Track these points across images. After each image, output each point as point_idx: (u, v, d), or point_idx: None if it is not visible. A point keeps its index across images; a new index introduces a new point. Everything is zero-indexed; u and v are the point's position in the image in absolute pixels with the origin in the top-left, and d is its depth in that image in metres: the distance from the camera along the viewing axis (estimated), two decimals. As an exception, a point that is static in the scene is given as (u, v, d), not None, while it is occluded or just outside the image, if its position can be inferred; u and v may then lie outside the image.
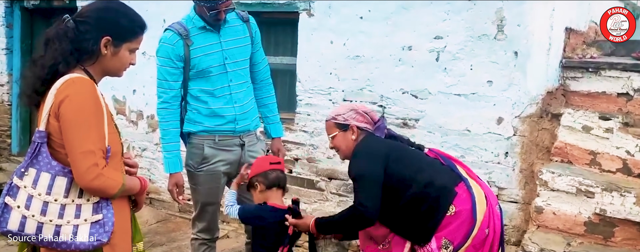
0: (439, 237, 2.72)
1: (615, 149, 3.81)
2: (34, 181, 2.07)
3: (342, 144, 2.96)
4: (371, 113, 3.00)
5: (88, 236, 2.09)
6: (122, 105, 6.01)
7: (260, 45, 3.60)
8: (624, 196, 3.55)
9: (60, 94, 2.04)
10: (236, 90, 3.43)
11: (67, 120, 2.03)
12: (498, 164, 4.21)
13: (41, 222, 2.06)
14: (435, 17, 4.29)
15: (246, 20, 3.49)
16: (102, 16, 2.18)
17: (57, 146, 2.09)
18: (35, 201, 2.06)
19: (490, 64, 4.15)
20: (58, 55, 2.10)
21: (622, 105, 4.06)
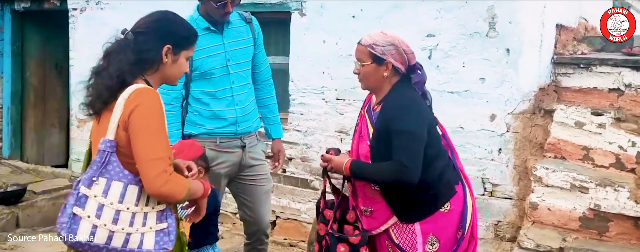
0: (425, 232, 2.61)
1: (608, 144, 3.80)
2: (104, 190, 2.06)
3: (371, 76, 2.63)
4: (410, 54, 2.62)
5: (154, 244, 2.10)
6: (115, 107, 5.95)
7: (262, 47, 3.52)
8: (617, 191, 3.54)
9: (130, 104, 2.06)
10: (238, 92, 3.35)
11: (137, 129, 2.05)
12: (492, 161, 4.19)
13: (113, 231, 2.04)
14: (427, 15, 4.26)
15: (249, 21, 3.41)
16: (161, 26, 2.26)
17: (121, 155, 2.09)
18: (106, 209, 2.05)
19: (483, 61, 4.13)
20: (124, 66, 2.14)
21: (614, 100, 4.05)
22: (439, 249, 2.62)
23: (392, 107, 2.56)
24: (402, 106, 2.54)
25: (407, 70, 2.62)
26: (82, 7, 6.01)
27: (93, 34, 5.95)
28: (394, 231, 2.66)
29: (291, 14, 4.81)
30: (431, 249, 2.61)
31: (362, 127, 2.74)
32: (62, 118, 6.96)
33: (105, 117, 2.13)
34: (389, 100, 2.61)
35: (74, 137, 6.30)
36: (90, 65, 6.33)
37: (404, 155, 2.45)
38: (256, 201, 3.46)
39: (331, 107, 4.73)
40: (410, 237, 2.63)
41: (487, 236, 4.24)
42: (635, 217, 3.51)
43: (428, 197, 2.59)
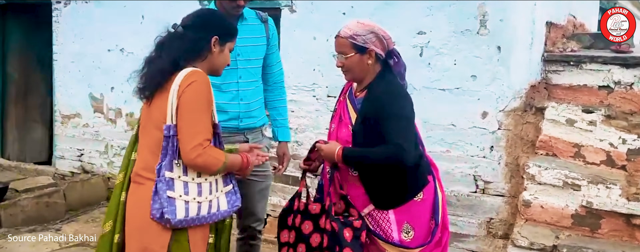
0: (400, 221, 2.64)
1: (599, 141, 3.82)
2: (183, 170, 2.31)
3: (356, 67, 2.65)
4: (389, 39, 2.65)
5: (227, 204, 2.44)
6: (100, 103, 5.84)
7: (277, 48, 3.52)
8: (609, 188, 3.56)
9: (186, 81, 2.27)
10: (244, 88, 3.33)
11: (186, 103, 2.27)
12: (484, 158, 4.19)
13: (200, 202, 2.33)
14: (418, 12, 4.24)
15: (264, 21, 3.42)
16: (208, 19, 2.52)
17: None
18: (191, 185, 2.32)
19: (474, 59, 4.12)
20: (178, 52, 2.36)
21: (603, 97, 4.07)
22: (414, 237, 2.65)
23: (382, 93, 2.60)
24: (392, 93, 2.60)
25: (386, 55, 2.68)
26: (66, 2, 5.89)
27: (78, 28, 5.85)
28: (368, 219, 2.69)
29: (281, 10, 4.75)
30: (407, 237, 2.64)
31: (342, 112, 2.78)
32: (45, 114, 6.82)
33: (159, 99, 2.32)
34: (376, 87, 2.64)
35: (57, 133, 6.19)
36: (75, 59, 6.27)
37: (401, 138, 2.50)
38: (252, 195, 3.42)
39: (322, 104, 4.69)
40: (385, 225, 2.66)
41: (479, 233, 4.25)
42: (627, 214, 3.53)
43: (404, 184, 2.64)
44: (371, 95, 2.62)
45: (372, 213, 2.69)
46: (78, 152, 6.07)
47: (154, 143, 2.35)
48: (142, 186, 2.36)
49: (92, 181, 5.73)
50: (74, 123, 6.05)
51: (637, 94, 3.97)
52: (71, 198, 5.47)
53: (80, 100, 5.95)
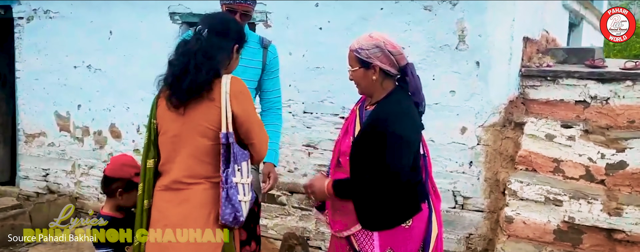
0: (384, 245, 2.56)
1: (578, 156, 3.82)
2: (242, 173, 2.40)
3: (362, 81, 2.59)
4: (398, 55, 2.54)
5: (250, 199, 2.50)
6: (66, 121, 5.63)
7: (276, 74, 3.49)
8: (591, 203, 3.55)
9: (234, 90, 2.39)
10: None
11: (247, 111, 2.43)
12: (463, 174, 4.16)
13: (246, 201, 2.44)
14: (396, 27, 4.20)
15: (264, 47, 3.42)
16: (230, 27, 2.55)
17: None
18: (245, 187, 2.44)
19: (453, 74, 4.10)
20: (216, 62, 2.42)
21: (580, 112, 4.09)
22: None
23: (386, 111, 2.51)
24: (396, 112, 2.50)
25: (400, 72, 2.57)
26: (29, 16, 5.69)
27: (42, 44, 5.65)
28: (355, 238, 2.63)
29: (256, 24, 4.66)
30: None
31: (350, 123, 2.71)
32: (7, 133, 6.56)
33: (199, 107, 2.39)
34: (383, 104, 2.56)
35: (21, 152, 5.94)
36: (39, 77, 6.05)
37: (395, 158, 2.43)
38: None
39: (298, 120, 4.61)
40: (368, 247, 2.59)
41: (458, 249, 4.21)
42: (609, 229, 3.52)
43: (393, 208, 2.55)
44: (376, 112, 2.55)
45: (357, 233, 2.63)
46: (43, 171, 5.84)
47: (199, 151, 2.40)
48: (185, 191, 2.43)
49: (58, 201, 5.52)
50: (38, 142, 5.82)
51: (613, 109, 4.00)
52: (37, 219, 5.23)
53: (45, 119, 5.73)
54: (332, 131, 4.49)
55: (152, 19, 5.03)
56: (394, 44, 2.56)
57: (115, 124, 5.37)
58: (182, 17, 4.94)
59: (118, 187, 2.89)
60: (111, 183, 2.91)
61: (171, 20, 4.97)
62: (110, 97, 5.35)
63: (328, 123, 4.50)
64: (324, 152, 4.56)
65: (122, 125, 5.35)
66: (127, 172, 2.91)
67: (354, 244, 2.65)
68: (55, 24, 5.57)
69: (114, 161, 3.01)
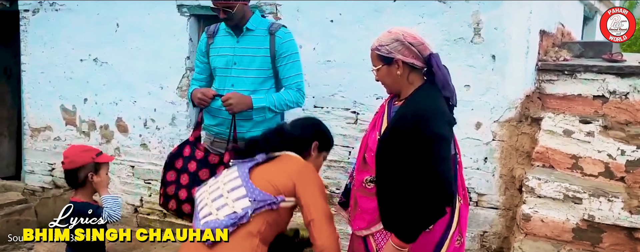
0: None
1: (597, 152, 3.69)
2: None
3: (387, 79, 2.47)
4: (419, 46, 2.41)
5: None
6: (72, 115, 5.53)
7: (292, 60, 3.42)
8: (611, 201, 3.42)
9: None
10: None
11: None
12: (477, 170, 4.04)
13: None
14: (410, 20, 4.07)
15: (272, 33, 3.37)
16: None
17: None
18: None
19: (468, 68, 3.97)
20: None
21: (598, 107, 3.96)
22: None
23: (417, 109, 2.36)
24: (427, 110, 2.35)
25: (425, 63, 2.43)
26: (35, 9, 5.58)
27: (48, 37, 5.53)
28: (373, 238, 2.53)
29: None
30: None
31: (378, 118, 2.60)
32: (12, 127, 6.47)
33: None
34: (412, 101, 2.42)
35: (27, 147, 5.84)
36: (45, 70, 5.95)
37: (440, 164, 2.27)
38: None
39: (308, 115, 4.49)
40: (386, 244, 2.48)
41: (472, 246, 4.10)
42: (630, 228, 3.40)
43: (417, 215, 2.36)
44: (404, 109, 2.41)
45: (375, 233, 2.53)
46: (49, 166, 5.74)
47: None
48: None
49: (64, 196, 5.40)
50: (44, 136, 5.72)
51: (632, 104, 3.87)
52: (43, 215, 5.15)
53: (50, 113, 5.63)
54: (343, 125, 4.37)
55: (160, 11, 4.91)
56: (413, 35, 2.43)
57: (122, 118, 5.26)
58: (190, 10, 4.82)
59: (87, 173, 2.92)
60: (78, 173, 2.93)
61: (179, 12, 4.85)
62: (116, 90, 5.24)
63: (339, 118, 4.38)
64: (334, 148, 4.41)
65: (129, 119, 5.24)
66: (88, 156, 2.94)
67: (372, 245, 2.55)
68: (61, 17, 5.45)
69: (69, 153, 3.00)
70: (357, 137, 4.34)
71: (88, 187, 2.96)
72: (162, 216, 5.16)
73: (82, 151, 3.00)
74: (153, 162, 5.14)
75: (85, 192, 2.98)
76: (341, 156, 4.40)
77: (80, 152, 2.97)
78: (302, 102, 3.54)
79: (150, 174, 5.15)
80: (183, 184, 3.30)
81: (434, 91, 2.43)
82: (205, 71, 3.58)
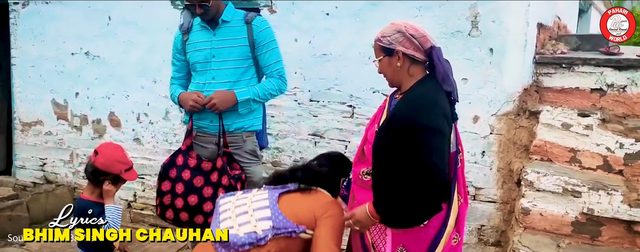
0: (395, 244, 2.45)
1: (596, 145, 3.67)
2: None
3: (387, 70, 2.43)
4: (421, 38, 2.36)
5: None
6: (63, 109, 5.44)
7: (270, 47, 3.38)
8: (611, 195, 3.40)
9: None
10: (216, 89, 3.32)
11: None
12: (475, 164, 4.01)
13: None
14: (407, 13, 4.02)
15: (248, 22, 3.33)
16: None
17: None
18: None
19: (465, 61, 3.93)
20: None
21: (596, 101, 3.94)
22: None
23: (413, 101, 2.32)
24: (423, 103, 2.30)
25: (427, 56, 2.39)
26: (25, 2, 5.46)
27: (38, 30, 5.43)
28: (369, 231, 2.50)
29: (260, 10, 4.48)
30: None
31: (379, 111, 2.56)
32: (2, 121, 6.36)
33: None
34: (410, 93, 2.38)
35: (17, 142, 5.74)
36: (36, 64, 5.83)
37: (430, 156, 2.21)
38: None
39: (304, 109, 4.44)
40: (380, 241, 2.48)
41: (470, 240, 4.07)
42: (629, 221, 3.38)
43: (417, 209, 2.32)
44: (402, 102, 2.37)
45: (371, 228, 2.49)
46: (40, 161, 5.65)
47: None
48: None
49: (56, 191, 5.34)
50: (35, 131, 5.63)
51: (630, 97, 3.85)
52: (35, 210, 5.06)
53: (42, 107, 5.53)
54: (339, 119, 4.33)
55: (153, 3, 4.83)
56: (415, 27, 2.39)
57: (115, 112, 5.19)
58: (183, 2, 4.74)
59: (105, 179, 2.93)
60: (100, 175, 2.94)
61: (172, 5, 4.77)
62: (109, 84, 5.16)
63: (335, 111, 4.33)
64: (330, 142, 4.40)
65: (121, 113, 5.16)
66: (118, 168, 2.95)
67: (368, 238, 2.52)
68: (51, 10, 5.35)
69: (108, 156, 2.98)
70: (353, 130, 4.29)
71: (99, 190, 2.95)
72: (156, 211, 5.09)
73: (117, 160, 2.97)
74: (147, 157, 5.07)
75: (94, 193, 2.97)
76: (337, 149, 4.35)
77: (115, 161, 2.96)
78: (284, 89, 3.50)
79: (144, 169, 5.08)
80: (178, 193, 3.30)
81: (434, 85, 2.38)
82: (183, 69, 3.53)
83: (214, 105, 3.23)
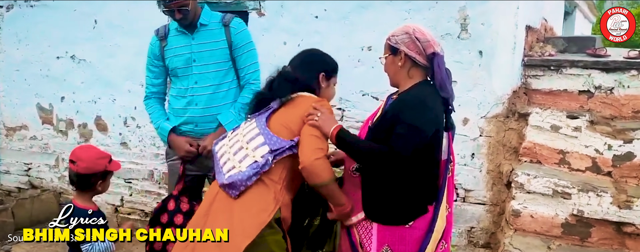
0: (381, 243, 2.44)
1: (584, 147, 3.69)
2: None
3: (389, 69, 2.50)
4: (425, 42, 2.41)
5: None
6: (49, 114, 5.37)
7: (247, 49, 3.33)
8: (600, 196, 3.43)
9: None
10: (199, 93, 3.29)
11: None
12: (465, 166, 4.02)
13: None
14: (396, 16, 4.03)
15: (226, 25, 3.30)
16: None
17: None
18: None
19: (454, 64, 3.93)
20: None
21: (584, 102, 3.96)
22: None
23: (404, 101, 2.38)
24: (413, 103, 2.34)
25: (428, 61, 2.42)
26: (9, 5, 5.40)
27: (23, 34, 5.37)
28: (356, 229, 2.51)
29: (248, 13, 4.46)
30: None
31: (376, 112, 2.61)
32: (-14, 125, 6.28)
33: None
34: (404, 95, 2.43)
35: (2, 147, 5.67)
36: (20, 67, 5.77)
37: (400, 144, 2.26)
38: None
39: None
40: (366, 240, 2.48)
41: (460, 242, 4.08)
42: (618, 222, 3.41)
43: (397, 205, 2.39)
44: (395, 102, 2.42)
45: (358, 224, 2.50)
46: (25, 166, 5.58)
47: None
48: None
49: (42, 197, 5.27)
50: (20, 135, 5.56)
51: (618, 99, 3.89)
52: (20, 216, 5.00)
53: (26, 111, 5.47)
54: (328, 122, 4.32)
55: (140, 6, 4.79)
56: (423, 32, 2.44)
57: (102, 116, 5.13)
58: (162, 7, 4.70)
59: (97, 180, 2.86)
60: (89, 179, 2.86)
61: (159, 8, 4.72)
62: (95, 88, 5.11)
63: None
64: (320, 145, 4.38)
65: (108, 117, 5.11)
66: (102, 164, 2.89)
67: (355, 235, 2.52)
68: (36, 13, 5.29)
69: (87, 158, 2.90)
70: (343, 134, 4.29)
71: (92, 191, 2.90)
72: (144, 215, 5.05)
73: (98, 157, 2.90)
74: (134, 161, 5.02)
75: (86, 196, 2.91)
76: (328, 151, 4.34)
77: (97, 160, 2.88)
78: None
79: (131, 173, 5.03)
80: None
81: (431, 90, 2.41)
82: (162, 75, 3.45)
83: (206, 148, 3.21)
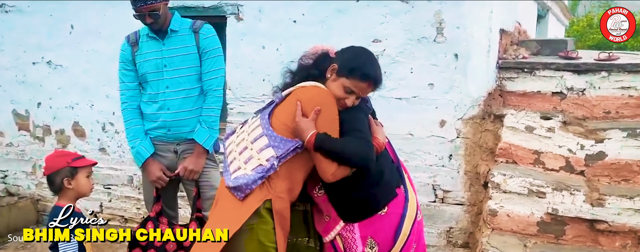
0: (364, 237, 2.49)
1: (558, 147, 3.80)
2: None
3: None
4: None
5: None
6: (25, 120, 5.34)
7: (213, 55, 3.35)
8: (573, 195, 3.53)
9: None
10: (171, 97, 3.33)
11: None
12: (442, 167, 4.11)
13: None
14: (373, 20, 4.10)
15: (195, 31, 3.34)
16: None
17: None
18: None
19: (431, 67, 4.03)
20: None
21: (557, 104, 4.08)
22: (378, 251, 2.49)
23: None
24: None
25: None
26: (-17, 10, 5.38)
27: (-4, 40, 5.35)
28: (341, 238, 2.54)
29: (227, 18, 4.50)
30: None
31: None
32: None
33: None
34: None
35: (-23, 154, 5.64)
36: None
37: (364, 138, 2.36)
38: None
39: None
40: (352, 244, 2.51)
41: (439, 242, 4.17)
42: (591, 220, 3.52)
43: (366, 196, 2.45)
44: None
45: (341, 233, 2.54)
46: (1, 173, 5.53)
47: None
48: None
49: (19, 204, 5.24)
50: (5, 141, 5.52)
51: (589, 100, 4.00)
52: (-3, 224, 4.98)
53: (2, 118, 5.42)
54: (308, 126, 4.37)
55: (117, 11, 4.80)
56: None
57: (79, 122, 5.12)
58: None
59: (63, 178, 2.84)
60: (55, 178, 2.85)
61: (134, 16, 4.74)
62: (73, 94, 5.10)
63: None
64: (300, 148, 4.44)
65: (86, 123, 5.10)
66: (63, 161, 2.87)
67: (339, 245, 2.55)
68: (11, 19, 5.26)
69: (49, 159, 2.93)
70: (322, 137, 4.35)
71: (68, 192, 2.86)
72: (123, 221, 5.06)
73: (58, 156, 2.90)
74: (113, 167, 5.02)
75: (66, 198, 2.88)
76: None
77: (56, 158, 2.88)
78: (221, 104, 3.47)
79: (110, 179, 5.03)
80: None
81: None
82: (136, 79, 3.45)
83: (192, 172, 3.27)
